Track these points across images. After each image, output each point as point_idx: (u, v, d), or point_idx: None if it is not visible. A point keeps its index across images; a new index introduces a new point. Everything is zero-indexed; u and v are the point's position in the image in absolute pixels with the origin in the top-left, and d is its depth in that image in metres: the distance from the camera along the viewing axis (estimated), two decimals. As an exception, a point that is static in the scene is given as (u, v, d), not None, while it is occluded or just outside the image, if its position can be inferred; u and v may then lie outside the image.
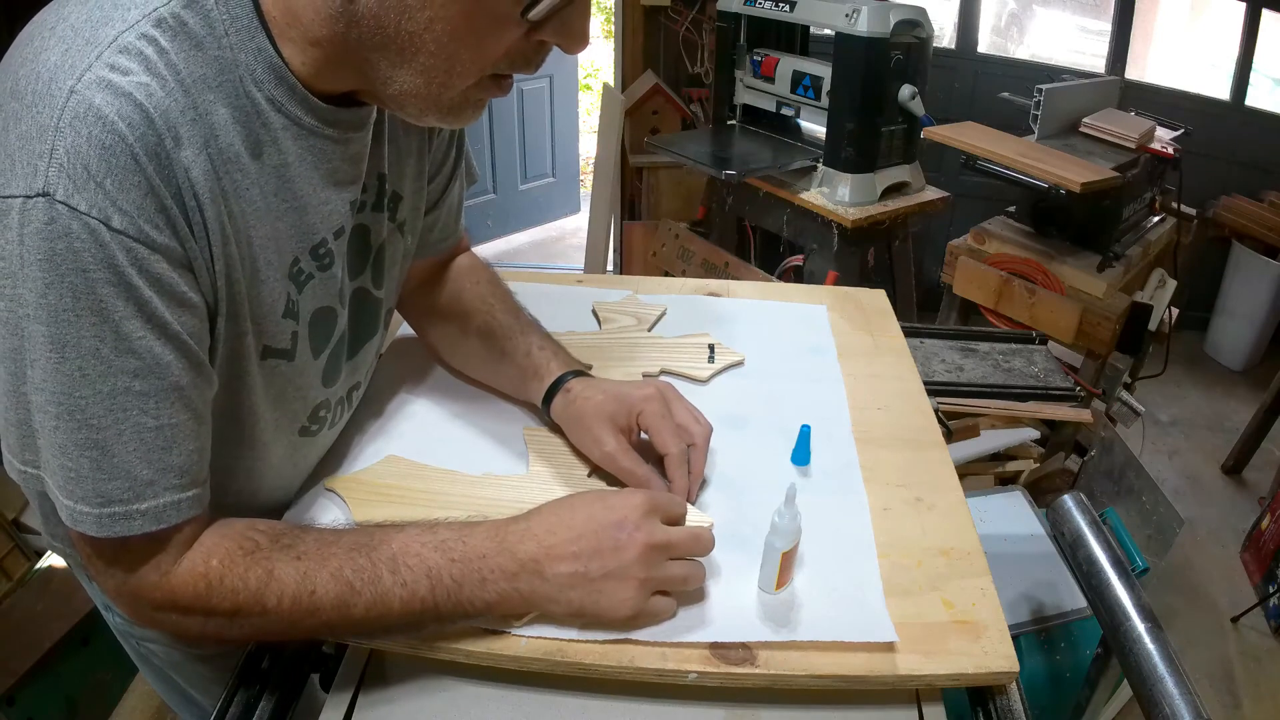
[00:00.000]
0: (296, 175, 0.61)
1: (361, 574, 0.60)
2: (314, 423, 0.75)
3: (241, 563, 0.59)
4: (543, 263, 3.93)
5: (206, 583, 0.58)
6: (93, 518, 0.55)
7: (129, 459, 0.54)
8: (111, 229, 0.49)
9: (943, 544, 0.74)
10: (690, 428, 0.77)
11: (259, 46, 0.55)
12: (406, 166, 0.77)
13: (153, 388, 0.54)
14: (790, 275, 2.60)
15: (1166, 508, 1.68)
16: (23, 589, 1.56)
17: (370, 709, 0.63)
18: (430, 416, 0.89)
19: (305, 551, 0.60)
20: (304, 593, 0.59)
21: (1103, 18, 3.45)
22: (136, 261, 0.50)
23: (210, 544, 0.60)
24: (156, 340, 0.53)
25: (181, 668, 0.89)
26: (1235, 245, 3.08)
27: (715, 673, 0.62)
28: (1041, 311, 2.02)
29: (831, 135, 2.16)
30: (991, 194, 2.36)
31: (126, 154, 0.49)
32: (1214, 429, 2.89)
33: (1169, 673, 0.67)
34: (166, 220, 0.52)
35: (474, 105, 0.61)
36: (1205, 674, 1.94)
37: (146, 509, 0.55)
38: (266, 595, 0.59)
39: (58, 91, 0.48)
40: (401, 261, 0.82)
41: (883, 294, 1.18)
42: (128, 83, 0.49)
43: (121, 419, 0.53)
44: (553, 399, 0.83)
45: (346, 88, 0.61)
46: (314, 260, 0.65)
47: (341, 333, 0.73)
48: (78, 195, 0.48)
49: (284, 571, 0.59)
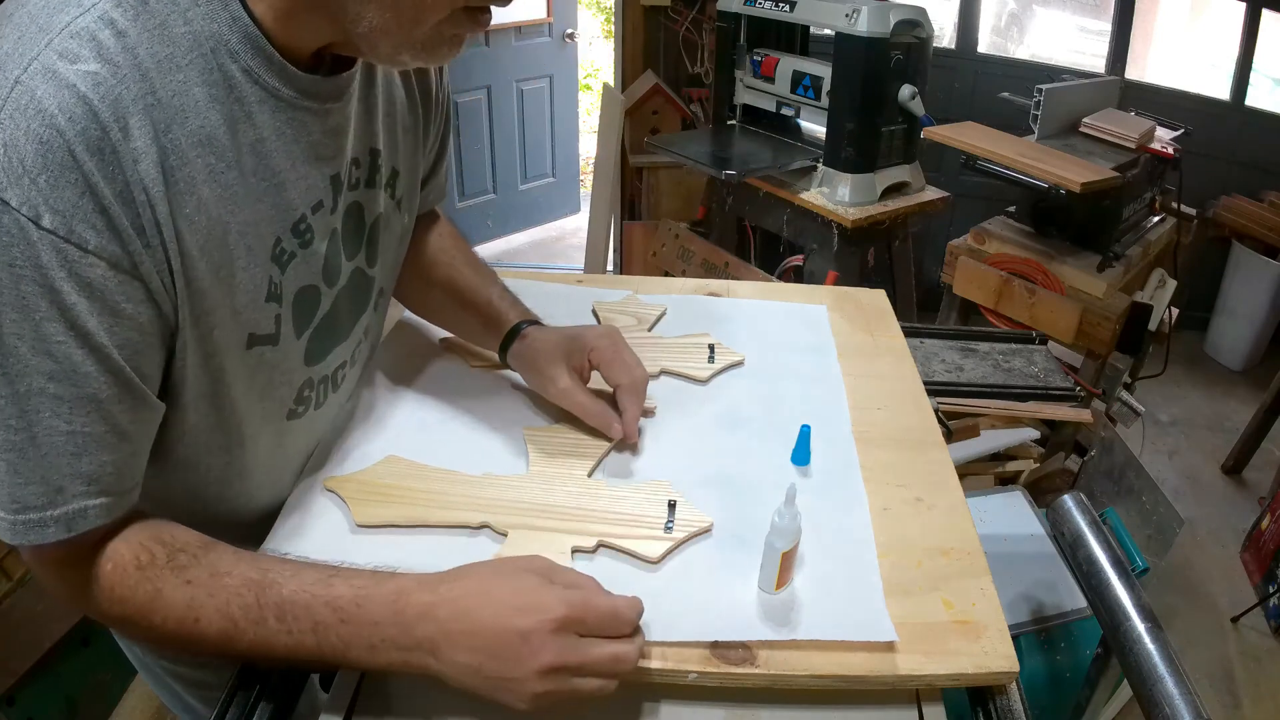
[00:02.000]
0: (274, 150, 0.59)
1: (248, 613, 0.58)
2: (300, 404, 0.74)
3: (132, 575, 0.58)
4: (543, 263, 3.93)
5: (98, 585, 0.58)
6: (6, 524, 0.53)
7: (41, 463, 0.52)
8: (40, 227, 0.47)
9: (943, 544, 0.74)
10: (633, 370, 0.82)
11: (232, 15, 0.53)
12: (403, 142, 0.75)
13: (67, 393, 0.52)
14: (790, 275, 2.60)
15: (1166, 508, 1.68)
16: (23, 589, 1.56)
17: (370, 709, 0.63)
18: (430, 416, 0.89)
19: (195, 578, 0.58)
20: (188, 619, 0.58)
21: (1103, 18, 3.45)
22: (66, 263, 0.49)
23: (111, 547, 0.59)
24: (77, 348, 0.51)
25: (182, 675, 0.89)
26: (1235, 245, 3.08)
27: (715, 673, 0.62)
28: (1041, 311, 2.02)
29: (831, 135, 2.16)
30: (991, 194, 2.36)
31: (64, 150, 0.47)
32: (1214, 429, 2.89)
33: (1169, 673, 0.67)
34: (106, 222, 0.50)
35: (449, 41, 0.58)
36: (1205, 674, 1.93)
37: (59, 515, 0.54)
38: (152, 613, 0.58)
39: (3, 82, 0.47)
40: (399, 240, 0.81)
41: (883, 294, 1.18)
42: (74, 72, 0.47)
43: (34, 420, 0.51)
44: (510, 345, 0.86)
45: (320, 41, 0.58)
46: (295, 238, 0.63)
47: (326, 311, 0.71)
48: (11, 190, 0.46)
49: (171, 594, 0.58)
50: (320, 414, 0.78)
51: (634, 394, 0.82)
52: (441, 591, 0.58)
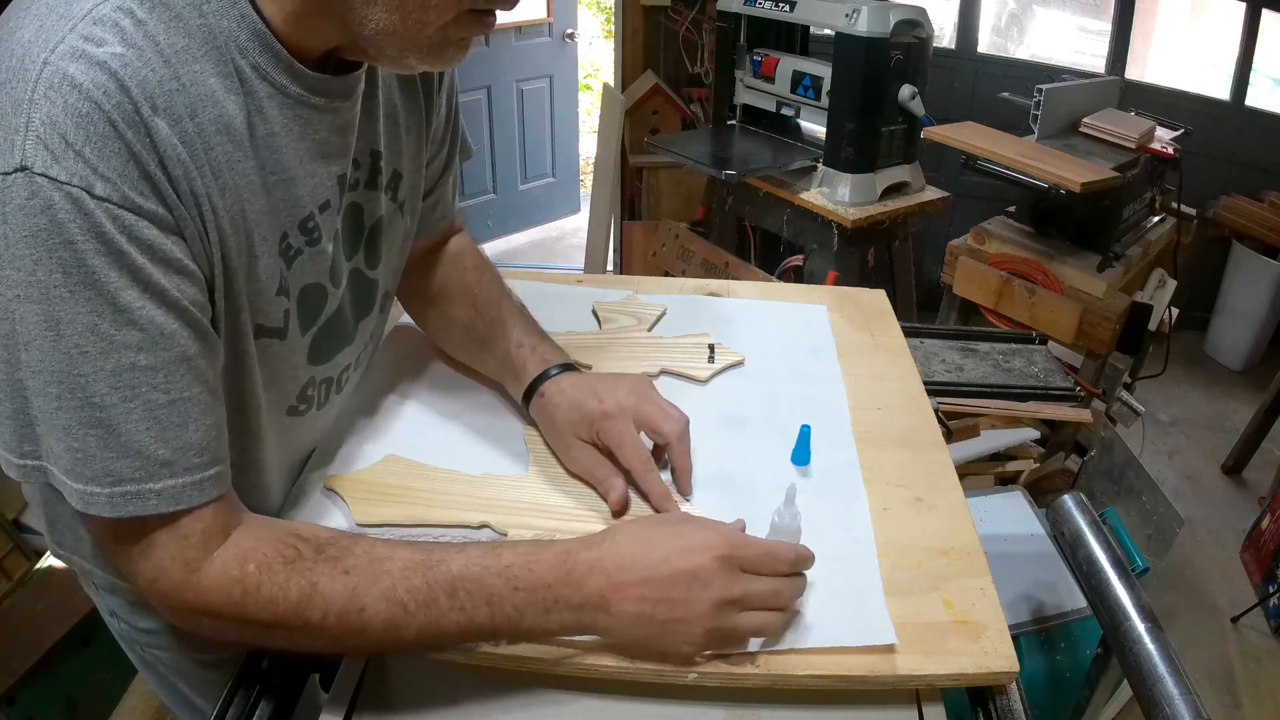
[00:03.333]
0: (284, 146, 0.59)
1: (416, 596, 0.57)
2: (302, 402, 0.73)
3: (281, 572, 0.56)
4: (543, 263, 3.93)
5: (242, 589, 0.56)
6: (104, 497, 0.52)
7: (140, 437, 0.52)
8: (95, 196, 0.47)
9: (943, 544, 0.74)
10: (661, 428, 0.76)
11: (242, 13, 0.54)
12: (406, 145, 0.75)
13: (160, 360, 0.52)
14: (790, 275, 2.60)
15: (1166, 508, 1.68)
16: (23, 589, 1.56)
17: (370, 709, 0.63)
18: (430, 416, 0.89)
19: (354, 566, 0.57)
20: (352, 610, 0.56)
21: (1103, 18, 3.45)
22: (125, 228, 0.49)
23: (248, 547, 0.57)
24: (157, 309, 0.51)
25: (188, 674, 0.88)
26: (1235, 245, 3.08)
27: (715, 673, 0.62)
28: (1041, 311, 2.02)
29: (831, 135, 2.16)
30: (991, 194, 2.36)
31: (104, 120, 0.47)
32: (1214, 429, 2.89)
33: (1169, 673, 0.67)
34: (151, 187, 0.50)
35: (455, 45, 0.59)
36: (1205, 674, 1.94)
37: (162, 489, 0.53)
38: (309, 609, 0.56)
39: (31, 65, 0.47)
40: (402, 243, 0.80)
41: (883, 294, 1.18)
42: (102, 53, 0.48)
43: (130, 396, 0.51)
44: (530, 400, 0.83)
45: (328, 43, 0.59)
46: (302, 235, 0.64)
47: (332, 311, 0.71)
48: (57, 166, 0.46)
49: (329, 586, 0.56)
50: (322, 414, 0.78)
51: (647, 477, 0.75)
52: (605, 547, 0.60)
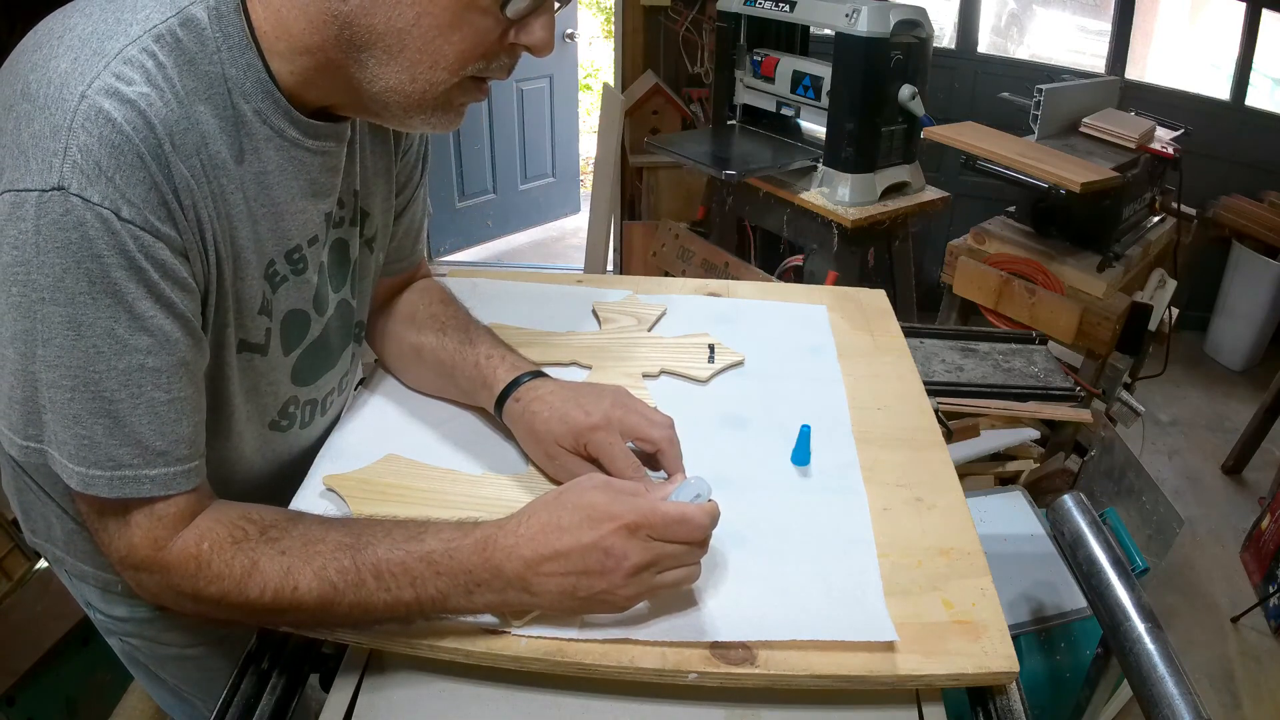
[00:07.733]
0: (276, 184, 0.66)
1: (345, 576, 0.61)
2: (284, 418, 0.79)
3: (229, 550, 0.62)
4: (543, 263, 3.94)
5: (196, 564, 0.61)
6: (105, 480, 0.59)
7: (141, 430, 0.59)
8: (121, 219, 0.54)
9: (943, 544, 0.74)
10: (650, 435, 0.75)
11: (249, 62, 0.60)
12: (376, 186, 0.80)
13: (164, 363, 0.59)
14: (790, 275, 2.60)
15: (1166, 508, 1.68)
16: (23, 589, 1.56)
17: (370, 709, 0.63)
18: (430, 416, 0.89)
19: (290, 547, 0.62)
20: (286, 588, 0.61)
21: (1103, 18, 3.46)
22: (144, 248, 0.56)
23: (204, 526, 0.63)
24: (166, 319, 0.58)
25: (167, 665, 0.90)
26: (1235, 245, 3.08)
27: (715, 673, 0.62)
28: (1041, 311, 2.02)
29: (831, 135, 2.16)
30: (991, 194, 2.36)
31: (133, 153, 0.54)
32: (1214, 429, 2.90)
33: (1169, 673, 0.67)
34: (167, 214, 0.57)
35: (456, 110, 0.65)
36: (1205, 674, 1.94)
37: (156, 475, 0.60)
38: (249, 586, 0.61)
39: (69, 96, 0.53)
40: (372, 276, 0.86)
41: (883, 294, 1.18)
42: (131, 92, 0.54)
43: (136, 393, 0.58)
44: (504, 406, 0.81)
45: (330, 100, 0.65)
46: (288, 264, 0.70)
47: (315, 337, 0.78)
48: (91, 188, 0.53)
49: (268, 565, 0.61)
50: (305, 434, 0.84)
51: (666, 454, 0.75)
52: (520, 532, 0.62)
